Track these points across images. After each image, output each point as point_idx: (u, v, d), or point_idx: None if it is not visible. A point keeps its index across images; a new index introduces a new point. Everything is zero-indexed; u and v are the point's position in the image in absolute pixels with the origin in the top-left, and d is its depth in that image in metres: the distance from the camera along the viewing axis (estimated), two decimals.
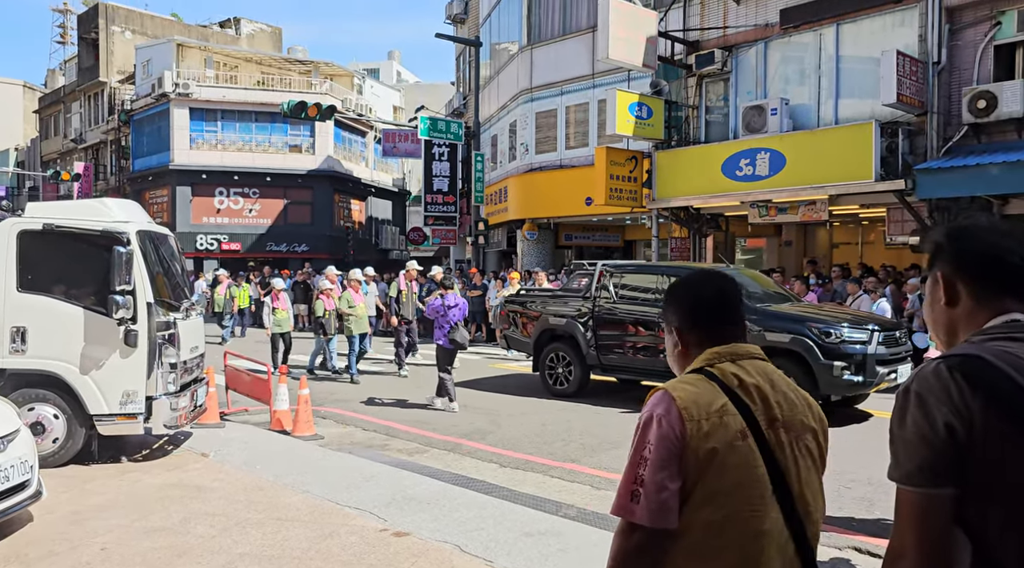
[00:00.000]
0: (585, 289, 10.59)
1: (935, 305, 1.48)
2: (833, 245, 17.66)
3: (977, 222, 1.48)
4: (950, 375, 1.27)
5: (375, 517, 5.31)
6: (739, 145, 13.90)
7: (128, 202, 7.70)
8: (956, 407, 1.24)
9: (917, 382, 1.31)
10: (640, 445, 1.64)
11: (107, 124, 38.20)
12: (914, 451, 1.27)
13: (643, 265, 13.03)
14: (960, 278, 1.43)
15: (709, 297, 1.84)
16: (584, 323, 10.31)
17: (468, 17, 27.60)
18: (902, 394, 1.32)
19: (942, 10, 11.99)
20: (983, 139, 11.68)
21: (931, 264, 1.49)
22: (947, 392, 1.26)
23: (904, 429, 1.30)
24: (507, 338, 11.80)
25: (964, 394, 1.25)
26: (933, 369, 1.30)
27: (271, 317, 12.54)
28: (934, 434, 1.25)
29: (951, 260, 1.44)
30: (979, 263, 1.42)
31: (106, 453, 6.86)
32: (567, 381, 10.48)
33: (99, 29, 38.01)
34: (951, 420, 1.24)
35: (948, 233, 1.48)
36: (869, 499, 5.88)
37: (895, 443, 1.32)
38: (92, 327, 6.53)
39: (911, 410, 1.29)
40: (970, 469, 1.24)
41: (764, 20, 14.31)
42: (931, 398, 1.27)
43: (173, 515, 5.36)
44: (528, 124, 19.89)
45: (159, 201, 32.89)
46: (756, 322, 8.66)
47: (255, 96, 32.54)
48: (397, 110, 43.39)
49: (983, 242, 1.42)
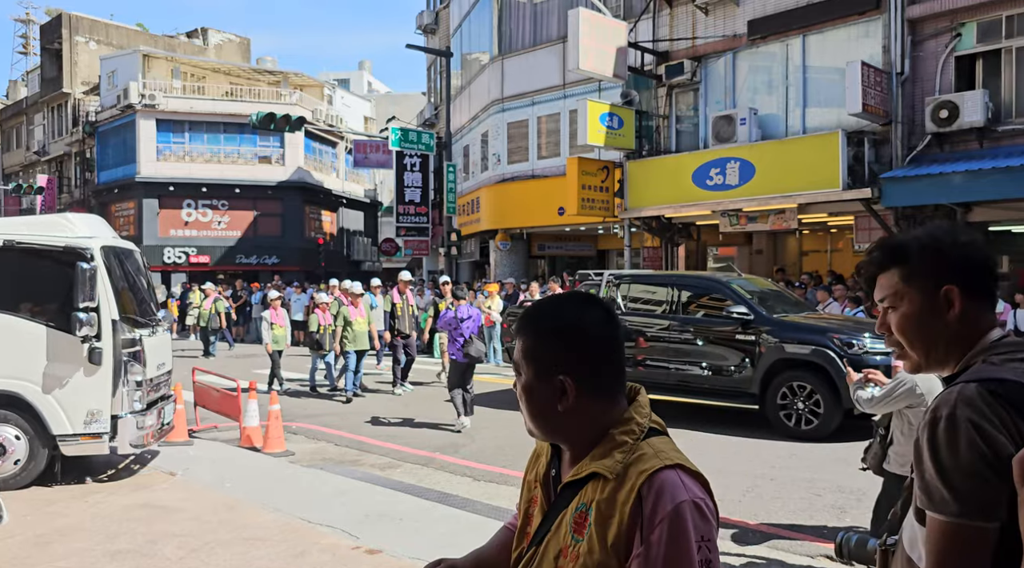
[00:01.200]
0: None
1: (935, 322, 1.37)
2: (803, 253, 17.89)
3: (962, 231, 1.40)
4: (995, 400, 1.19)
5: (347, 535, 5.22)
6: (709, 154, 14.03)
7: (92, 217, 7.55)
8: (1010, 434, 1.17)
9: (963, 408, 1.20)
10: (687, 550, 1.20)
11: (71, 136, 37.56)
12: (977, 482, 1.17)
13: (651, 275, 12.45)
14: (971, 291, 1.35)
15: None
16: None
17: (439, 27, 27.62)
18: (947, 421, 1.20)
19: (904, 22, 12.24)
20: (946, 148, 11.92)
21: (920, 273, 1.38)
22: (1000, 419, 1.18)
23: (960, 459, 1.18)
24: (509, 351, 11.23)
25: (1013, 420, 1.18)
26: (976, 393, 1.21)
27: (270, 333, 12.00)
28: (1000, 463, 1.16)
29: (958, 269, 1.35)
30: (982, 275, 1.36)
31: (70, 474, 6.68)
32: None
33: (63, 39, 37.41)
34: (1009, 448, 1.16)
35: (952, 241, 1.37)
36: (840, 506, 5.92)
37: (946, 474, 1.19)
38: (55, 345, 6.38)
39: (966, 437, 1.18)
40: (1013, 498, 1.16)
41: (732, 31, 14.49)
42: (987, 425, 1.18)
43: (139, 537, 5.23)
44: (500, 134, 19.92)
45: (125, 214, 32.38)
46: (772, 333, 8.52)
47: (223, 107, 32.21)
48: (368, 120, 43.25)
49: (981, 252, 1.37)
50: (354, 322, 11.46)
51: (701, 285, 9.89)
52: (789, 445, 7.93)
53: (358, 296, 11.77)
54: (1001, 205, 11.29)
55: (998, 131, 11.49)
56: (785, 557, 4.94)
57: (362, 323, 11.58)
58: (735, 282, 9.61)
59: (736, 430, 8.66)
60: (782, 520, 5.64)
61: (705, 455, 7.63)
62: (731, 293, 9.16)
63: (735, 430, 8.66)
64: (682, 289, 9.70)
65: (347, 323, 11.41)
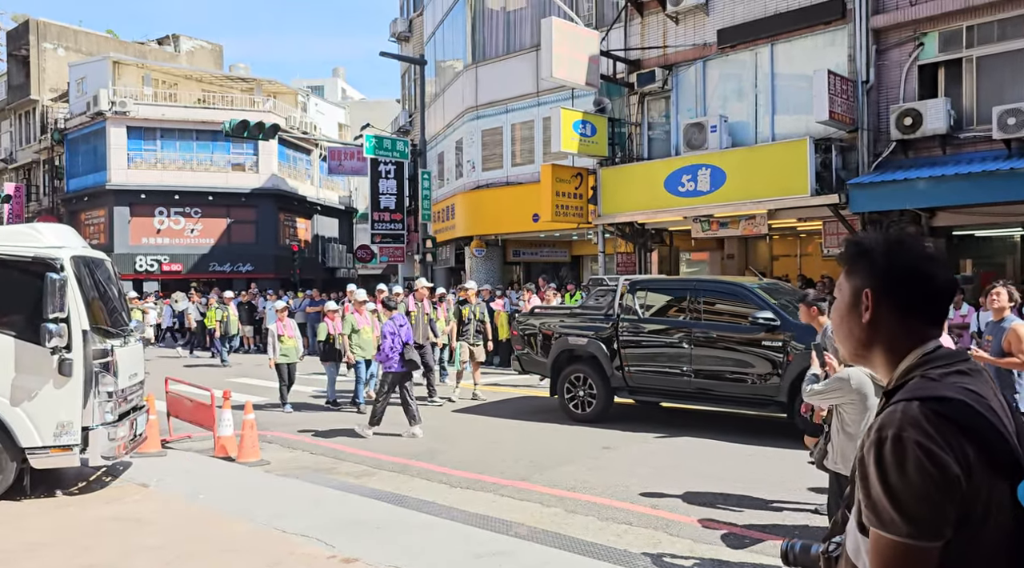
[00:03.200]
0: (607, 306, 9.83)
1: (852, 318, 1.40)
2: (773, 258, 18.14)
3: (911, 240, 1.40)
4: (940, 421, 1.20)
5: (323, 544, 5.22)
6: (681, 161, 14.20)
7: (61, 227, 7.47)
8: (956, 454, 1.18)
9: (909, 429, 1.20)
10: None
11: (39, 143, 36.99)
12: (927, 503, 1.17)
13: (670, 280, 12.21)
14: (892, 299, 1.36)
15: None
16: (608, 342, 9.59)
17: (413, 35, 27.64)
18: (894, 442, 1.20)
19: (869, 31, 12.51)
20: (910, 154, 12.18)
21: (853, 271, 1.41)
22: (946, 439, 1.18)
23: (908, 479, 1.18)
24: (520, 359, 10.92)
25: (960, 441, 1.19)
26: (921, 414, 1.21)
27: (276, 345, 11.26)
28: (947, 484, 1.17)
29: (881, 275, 1.37)
30: (912, 284, 1.36)
31: (40, 487, 6.59)
32: (589, 405, 9.75)
33: (30, 46, 36.85)
34: (955, 468, 1.17)
35: (886, 246, 1.39)
36: (813, 506, 6.02)
37: (895, 496, 1.19)
38: (24, 356, 6.30)
39: (914, 460, 1.18)
40: (961, 516, 1.19)
41: (702, 40, 14.70)
42: (933, 445, 1.18)
43: (111, 550, 5.18)
44: (474, 141, 19.98)
45: (96, 222, 31.97)
46: (800, 339, 8.10)
47: (196, 114, 31.95)
48: (342, 127, 43.11)
49: (917, 262, 1.36)
50: (361, 330, 11.16)
51: (723, 290, 9.46)
52: (762, 449, 8.04)
53: (362, 303, 11.46)
54: (964, 210, 11.55)
55: (960, 138, 11.77)
56: (757, 559, 5.02)
57: (368, 331, 11.27)
58: (758, 286, 9.23)
59: (711, 433, 8.76)
60: (756, 522, 5.74)
61: (680, 458, 7.73)
62: (756, 298, 8.74)
63: (710, 433, 8.76)
64: (703, 295, 9.30)
65: (353, 331, 11.09)
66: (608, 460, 7.77)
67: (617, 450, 8.20)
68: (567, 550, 5.12)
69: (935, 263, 1.38)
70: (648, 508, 6.14)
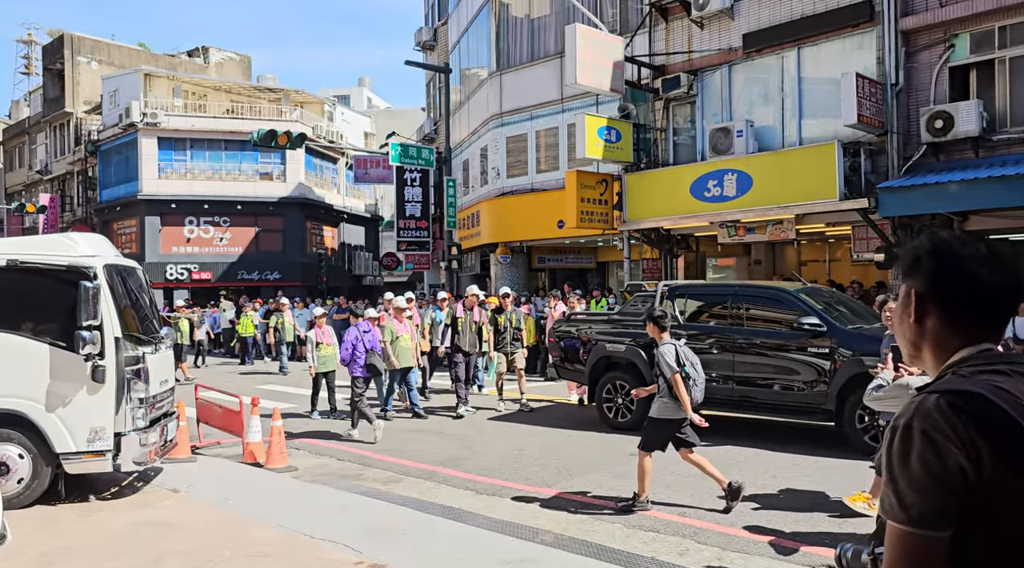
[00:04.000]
0: (647, 312, 9.90)
1: (904, 318, 1.44)
2: (801, 263, 17.92)
3: (959, 242, 1.41)
4: (953, 412, 1.21)
5: (350, 550, 5.25)
6: (706, 166, 14.11)
7: (95, 236, 7.61)
8: (965, 447, 1.19)
9: (919, 419, 1.23)
10: None
11: (73, 155, 37.77)
12: (924, 493, 1.21)
13: (710, 285, 11.92)
14: (932, 297, 1.38)
15: None
16: (647, 349, 9.24)
17: (437, 44, 27.83)
18: (903, 431, 1.24)
19: (898, 33, 12.35)
20: (941, 158, 11.99)
21: (906, 275, 1.44)
22: (955, 431, 1.20)
23: (909, 469, 1.22)
24: (557, 367, 10.83)
25: (971, 434, 1.19)
26: (934, 405, 1.23)
27: (315, 354, 11.19)
28: (947, 475, 1.19)
29: (928, 277, 1.39)
30: (956, 287, 1.37)
31: (73, 492, 6.71)
32: (628, 412, 9.47)
33: (64, 59, 37.71)
34: (961, 461, 1.18)
35: (930, 249, 1.41)
36: (842, 515, 5.93)
37: (896, 482, 1.24)
38: (58, 363, 6.42)
39: (918, 449, 1.21)
40: (973, 511, 1.20)
41: (727, 44, 14.62)
42: (939, 437, 1.20)
43: (143, 555, 5.25)
44: (499, 149, 20.04)
45: (127, 232, 32.53)
46: (848, 346, 7.98)
47: (224, 125, 32.43)
48: (368, 136, 43.48)
49: (964, 265, 1.36)
50: (400, 337, 10.94)
51: (765, 295, 9.25)
52: (791, 456, 7.94)
53: (401, 311, 11.21)
54: (997, 214, 11.34)
55: (993, 140, 11.56)
56: (786, 566, 4.96)
57: (407, 339, 11.07)
58: (802, 291, 9.01)
59: (738, 440, 8.67)
60: (784, 529, 5.66)
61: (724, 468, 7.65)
62: (800, 303, 8.52)
63: (737, 440, 8.66)
64: (744, 300, 9.12)
65: (394, 338, 10.89)
66: (635, 467, 7.70)
67: None
68: (593, 557, 5.09)
69: (984, 265, 1.36)
70: (675, 516, 6.09)
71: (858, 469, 7.00)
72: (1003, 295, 1.38)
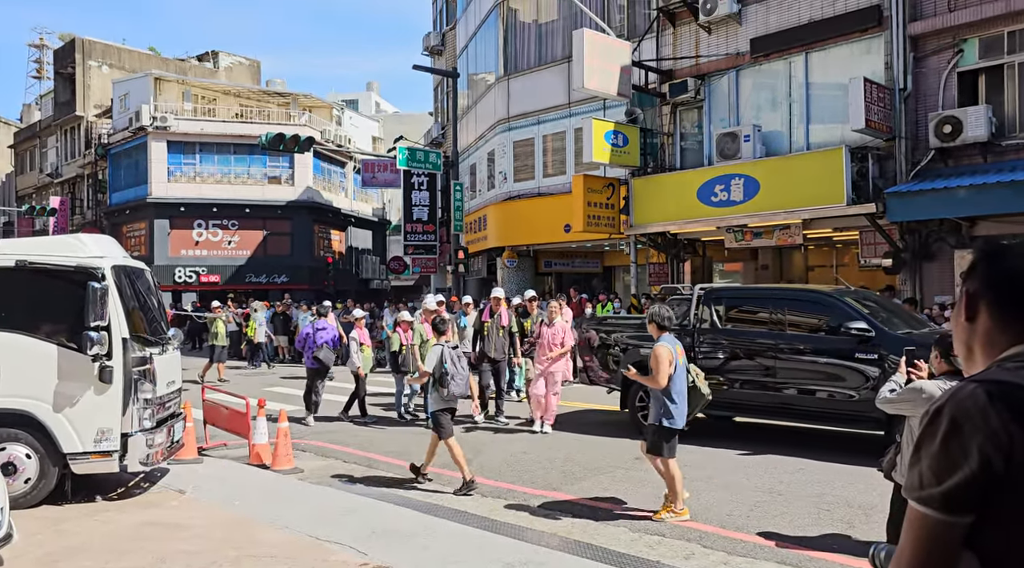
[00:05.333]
0: (682, 316, 9.19)
1: (957, 319, 1.47)
2: (808, 268, 17.87)
3: (1015, 246, 1.46)
4: (989, 402, 1.22)
5: (355, 552, 5.25)
6: (713, 171, 14.10)
7: (103, 237, 7.65)
8: (995, 436, 1.19)
9: (953, 405, 1.25)
10: None
11: (84, 158, 38.03)
12: (941, 476, 1.22)
13: (750, 288, 11.64)
14: (984, 297, 1.41)
15: None
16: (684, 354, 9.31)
17: (445, 49, 27.92)
18: (934, 414, 1.27)
19: (906, 39, 12.33)
20: (950, 163, 11.95)
21: (964, 280, 1.48)
22: (985, 420, 1.20)
23: (933, 452, 1.24)
24: (588, 372, 10.48)
25: (1005, 423, 1.20)
26: (970, 393, 1.24)
27: (359, 354, 11.13)
28: (967, 463, 1.20)
29: (980, 278, 1.42)
30: (1006, 287, 1.39)
31: (80, 493, 6.73)
32: None
33: (76, 63, 37.99)
34: (987, 449, 1.19)
35: (984, 251, 1.46)
36: (848, 521, 5.91)
37: (920, 462, 1.26)
38: (66, 364, 6.45)
39: (944, 434, 1.23)
40: (999, 499, 1.20)
41: (735, 49, 14.62)
42: (967, 425, 1.21)
43: (148, 555, 5.27)
44: (506, 153, 20.07)
45: (137, 234, 32.70)
46: (898, 352, 7.61)
47: (233, 128, 32.59)
48: (376, 140, 43.61)
49: (1016, 266, 1.40)
50: (428, 341, 10.07)
51: (808, 299, 8.93)
52: (797, 460, 7.91)
53: (431, 313, 10.45)
54: (1007, 219, 11.29)
55: (1002, 145, 11.53)
56: None
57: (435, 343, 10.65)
58: (848, 295, 8.71)
59: (744, 445, 8.64)
60: (790, 534, 5.64)
61: (713, 469, 7.64)
62: (847, 308, 8.21)
63: (743, 445, 8.63)
64: (786, 304, 8.79)
65: (423, 342, 10.35)
66: (640, 471, 7.70)
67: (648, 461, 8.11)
68: (598, 560, 5.07)
69: None
70: (681, 520, 6.06)
71: (864, 474, 6.97)
72: None
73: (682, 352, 6.27)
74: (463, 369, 7.24)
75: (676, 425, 6.01)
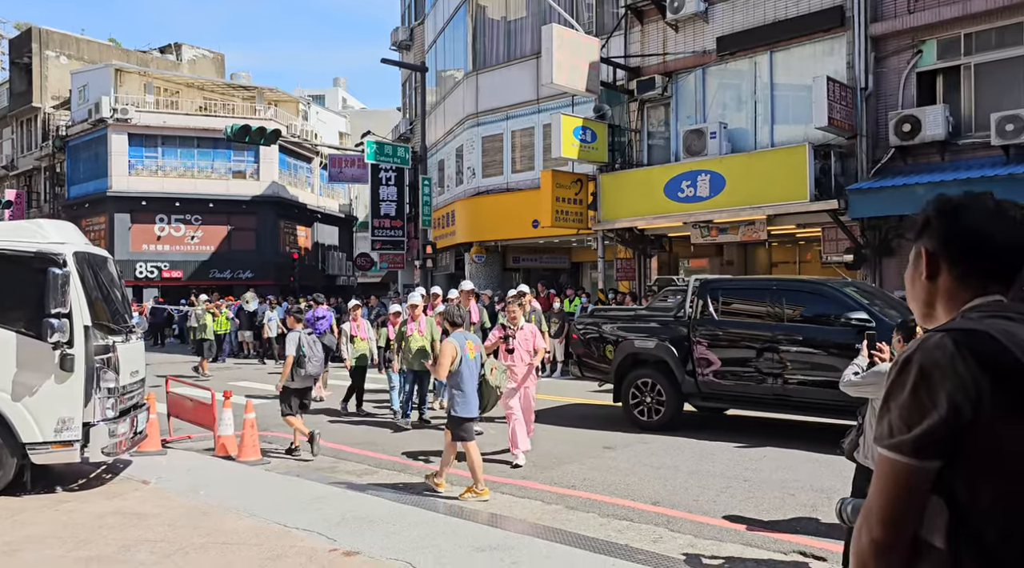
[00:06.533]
0: (678, 308, 9.27)
1: (916, 278, 1.48)
2: (772, 264, 18.18)
3: (970, 200, 1.45)
4: (956, 350, 1.24)
5: (324, 538, 5.22)
6: (680, 167, 14.27)
7: (64, 224, 7.48)
8: (963, 383, 1.22)
9: (921, 354, 1.27)
10: None
11: (40, 150, 37.12)
12: (912, 423, 1.25)
13: (747, 280, 11.41)
14: (944, 255, 1.42)
15: None
16: (679, 346, 8.94)
17: (414, 44, 27.79)
18: (903, 364, 1.29)
19: (867, 39, 12.60)
20: (909, 161, 12.24)
21: (917, 236, 1.49)
22: (954, 367, 1.23)
23: (902, 399, 1.27)
24: (581, 363, 10.26)
25: (972, 370, 1.22)
26: (938, 342, 1.26)
27: (349, 347, 10.69)
28: (935, 410, 1.23)
29: (937, 236, 1.43)
30: (964, 243, 1.41)
31: (40, 484, 6.57)
32: (657, 412, 9.08)
33: (32, 53, 37.05)
34: (956, 396, 1.22)
35: (938, 208, 1.46)
36: (812, 505, 6.03)
37: (890, 411, 1.29)
38: (25, 352, 6.30)
39: (913, 382, 1.26)
40: (966, 444, 1.23)
41: (702, 47, 14.80)
42: (936, 372, 1.24)
43: (112, 543, 5.18)
44: (474, 148, 20.06)
45: (96, 228, 32.01)
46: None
47: (197, 122, 32.08)
48: (343, 136, 43.26)
49: (971, 222, 1.41)
50: (410, 338, 9.73)
51: (807, 290, 8.75)
52: (762, 449, 8.04)
53: (415, 307, 9.88)
54: None
55: (959, 144, 11.84)
56: (758, 554, 5.03)
57: (419, 339, 9.69)
58: (847, 286, 8.64)
59: (710, 434, 8.76)
60: (756, 517, 5.74)
61: (680, 457, 7.74)
62: (846, 298, 8.13)
63: (709, 434, 8.76)
64: (784, 295, 8.65)
65: (402, 338, 9.82)
66: (609, 459, 7.77)
67: (618, 450, 8.20)
68: (568, 544, 5.11)
69: (994, 220, 1.41)
70: (649, 505, 6.14)
71: (827, 460, 7.13)
72: (1011, 248, 1.41)
73: (475, 347, 6.69)
74: (318, 352, 8.25)
75: (464, 414, 6.47)
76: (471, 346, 6.61)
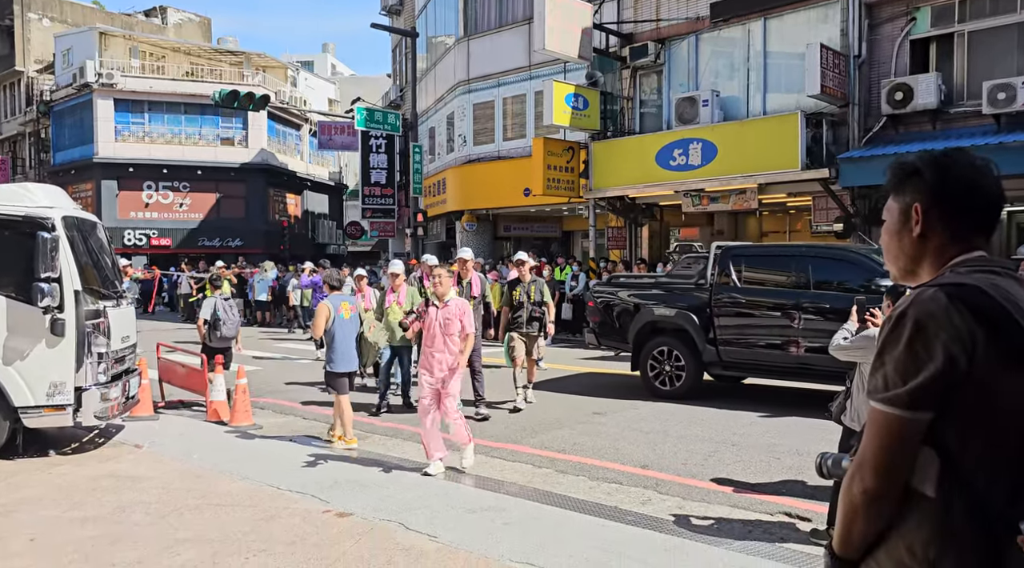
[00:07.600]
0: (699, 275, 9.06)
1: (904, 235, 1.45)
2: (763, 234, 18.21)
3: (955, 154, 1.43)
4: (950, 302, 1.25)
5: (317, 500, 5.28)
6: (672, 135, 14.22)
7: (52, 188, 7.42)
8: (959, 334, 1.23)
9: (916, 308, 1.28)
10: None
11: (25, 115, 36.54)
12: (907, 376, 1.26)
13: (770, 247, 11.23)
14: (937, 210, 1.40)
15: None
16: (699, 314, 8.76)
17: (404, 9, 27.38)
18: (898, 318, 1.29)
19: (862, 6, 12.52)
20: (901, 129, 12.25)
21: (901, 191, 1.46)
22: (949, 320, 1.24)
23: (897, 353, 1.28)
24: (597, 332, 10.04)
25: (967, 321, 1.23)
26: (932, 296, 1.27)
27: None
28: (931, 362, 1.24)
29: (929, 190, 1.40)
30: (958, 196, 1.39)
31: (32, 447, 6.61)
32: (676, 380, 8.98)
33: (14, 16, 36.29)
34: (952, 347, 1.23)
35: (933, 161, 1.42)
36: (798, 468, 6.14)
37: (884, 365, 1.30)
38: (16, 317, 6.29)
39: (908, 335, 1.27)
40: (958, 396, 1.24)
41: (695, 13, 14.66)
42: (931, 324, 1.25)
43: (106, 505, 5.23)
44: (466, 116, 19.90)
45: (83, 195, 31.67)
46: None
47: (184, 87, 31.62)
48: (333, 103, 42.78)
49: (962, 174, 1.39)
50: (388, 309, 8.65)
51: (833, 256, 8.52)
52: (750, 414, 8.15)
53: (395, 276, 8.90)
54: None
55: (950, 113, 11.84)
56: (745, 515, 5.12)
57: (397, 312, 8.46)
58: (876, 252, 8.23)
59: (699, 401, 8.85)
60: (743, 480, 5.84)
61: (669, 422, 7.84)
62: (875, 265, 7.85)
63: (697, 401, 8.85)
64: (809, 261, 8.40)
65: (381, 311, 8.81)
66: (598, 425, 7.86)
67: (607, 415, 8.29)
68: (558, 506, 5.20)
69: (981, 174, 1.41)
70: (638, 468, 6.23)
71: (814, 425, 7.23)
72: (996, 201, 1.42)
73: (351, 308, 7.24)
74: (234, 315, 8.96)
75: (337, 369, 7.05)
76: (346, 307, 7.19)
